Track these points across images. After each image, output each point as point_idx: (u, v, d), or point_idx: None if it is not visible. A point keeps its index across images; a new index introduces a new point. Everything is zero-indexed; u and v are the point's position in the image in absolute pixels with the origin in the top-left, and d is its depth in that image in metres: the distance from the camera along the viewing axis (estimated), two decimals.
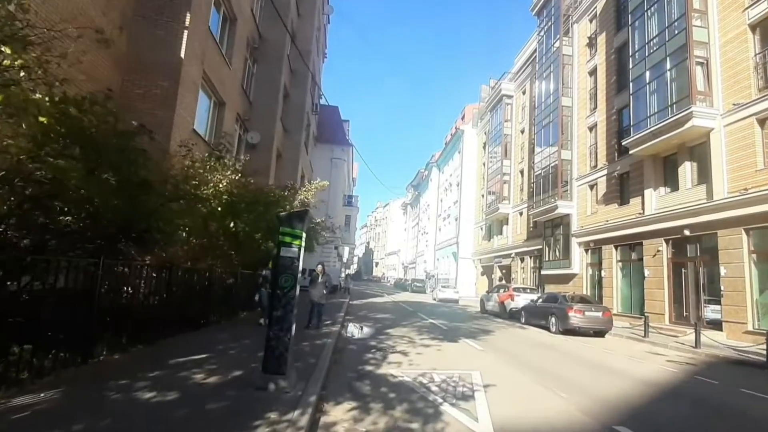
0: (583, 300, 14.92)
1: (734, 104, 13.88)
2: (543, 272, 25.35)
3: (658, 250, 16.71)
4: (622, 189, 19.59)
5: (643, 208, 17.71)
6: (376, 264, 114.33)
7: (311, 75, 25.75)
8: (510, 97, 33.84)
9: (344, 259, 23.93)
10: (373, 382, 6.27)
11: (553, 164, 24.20)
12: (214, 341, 7.80)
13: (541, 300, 16.20)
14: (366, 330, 12.80)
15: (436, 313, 19.79)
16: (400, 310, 20.63)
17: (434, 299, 32.13)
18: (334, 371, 6.83)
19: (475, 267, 41.17)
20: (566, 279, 22.92)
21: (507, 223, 33.14)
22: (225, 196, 7.68)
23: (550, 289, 22.61)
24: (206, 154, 9.66)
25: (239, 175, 9.27)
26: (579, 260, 22.22)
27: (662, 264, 16.52)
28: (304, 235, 5.19)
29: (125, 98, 10.65)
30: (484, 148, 41.10)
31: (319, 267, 10.75)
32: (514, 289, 19.11)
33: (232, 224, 9.19)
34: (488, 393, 5.79)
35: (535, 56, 29.08)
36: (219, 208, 7.35)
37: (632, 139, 17.29)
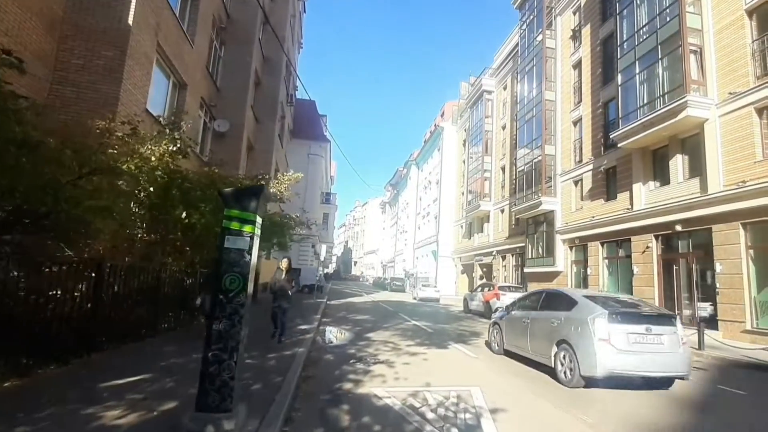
0: None
1: (731, 93, 13.28)
2: (526, 270, 24.63)
3: (648, 247, 16.07)
4: (608, 184, 18.95)
5: (631, 204, 17.06)
6: (355, 263, 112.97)
7: (286, 63, 24.32)
8: (491, 92, 33.12)
9: (321, 258, 22.46)
10: (353, 406, 5.04)
11: (536, 160, 23.48)
12: (156, 356, 6.39)
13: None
14: (344, 335, 11.56)
15: (418, 314, 18.69)
16: (381, 311, 19.44)
17: (414, 298, 31.08)
18: (304, 392, 5.57)
19: (455, 265, 40.38)
20: (550, 277, 22.22)
21: (488, 221, 32.41)
22: (159, 173, 6.26)
23: (533, 287, 21.84)
24: (155, 133, 8.20)
25: (177, 145, 7.76)
26: (563, 258, 21.54)
27: (652, 261, 15.88)
28: (259, 220, 3.91)
29: (61, 69, 9.15)
30: (464, 145, 40.35)
31: (284, 262, 9.14)
32: (500, 288, 18.20)
33: (184, 215, 7.76)
34: (498, 421, 4.64)
35: (517, 51, 28.39)
36: (151, 189, 5.94)
37: (621, 131, 16.60)
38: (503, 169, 30.54)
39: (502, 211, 30.02)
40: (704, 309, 13.88)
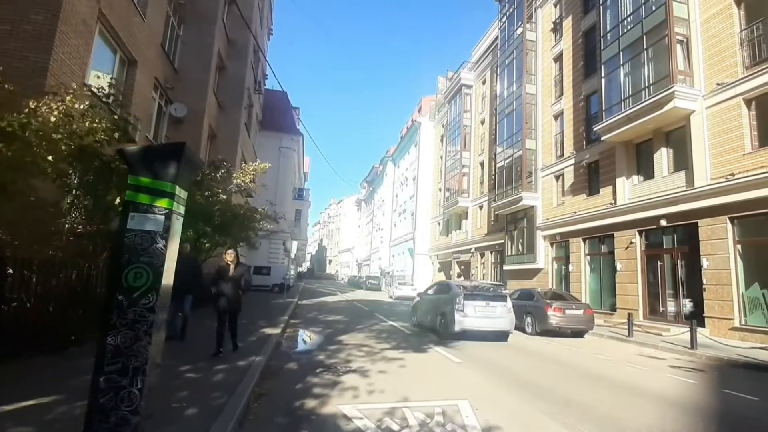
0: (558, 296, 13.40)
1: (718, 84, 12.85)
2: (505, 267, 24.05)
3: (631, 242, 15.61)
4: (591, 179, 18.48)
5: (614, 198, 16.58)
6: (330, 261, 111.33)
7: (254, 48, 22.91)
8: (469, 87, 32.50)
9: (293, 255, 21.18)
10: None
11: (516, 154, 22.89)
12: (71, 372, 5.15)
13: (512, 298, 14.51)
14: (313, 339, 10.47)
15: (395, 313, 17.73)
16: (355, 311, 18.39)
17: (391, 297, 30.16)
18: (255, 415, 4.48)
19: (432, 263, 39.70)
20: (530, 274, 21.68)
21: (466, 218, 31.80)
22: (60, 136, 4.99)
23: (513, 285, 21.26)
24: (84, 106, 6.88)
25: (113, 125, 6.50)
26: (544, 254, 21.02)
27: (636, 256, 15.42)
28: (182, 193, 2.81)
29: None
30: (441, 140, 39.68)
31: (230, 254, 7.04)
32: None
33: (118, 201, 6.50)
34: None
35: (497, 44, 27.81)
36: (49, 158, 4.68)
37: (604, 124, 16.09)
38: (482, 164, 29.95)
39: (481, 207, 29.43)
40: (684, 306, 13.53)
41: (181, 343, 7.46)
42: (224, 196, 13.05)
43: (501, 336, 11.10)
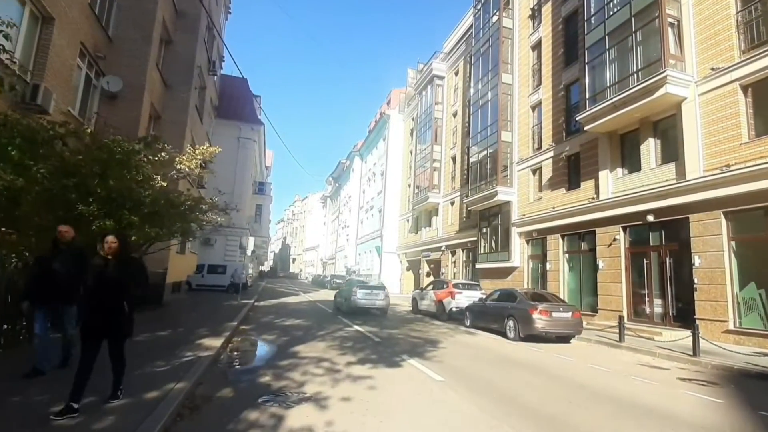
0: (541, 297, 12.12)
1: (713, 69, 11.99)
2: (478, 266, 22.90)
3: (615, 239, 14.67)
4: (571, 172, 17.51)
5: (596, 193, 15.63)
6: (294, 260, 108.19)
7: (208, 25, 20.61)
8: (441, 78, 31.27)
9: (248, 252, 19.09)
10: None
11: (491, 147, 21.75)
12: None
13: (491, 299, 13.21)
14: (263, 351, 8.65)
15: (361, 316, 16.08)
16: (318, 313, 16.58)
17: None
18: None
19: (401, 262, 38.32)
20: (505, 273, 20.58)
21: (437, 214, 30.56)
22: None
23: (486, 284, 20.11)
24: None
25: None
26: (519, 252, 19.96)
27: (619, 254, 14.49)
28: None
29: None
30: (411, 134, 38.35)
31: (110, 241, 4.34)
32: (455, 286, 16.03)
33: None
34: None
35: (471, 33, 26.68)
36: None
37: (588, 113, 15.08)
38: (454, 158, 28.76)
39: (452, 203, 28.24)
40: (679, 307, 12.63)
41: (59, 372, 5.37)
42: (163, 183, 10.98)
43: (380, 310, 16.56)
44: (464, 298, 15.12)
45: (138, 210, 9.23)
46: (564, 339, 11.50)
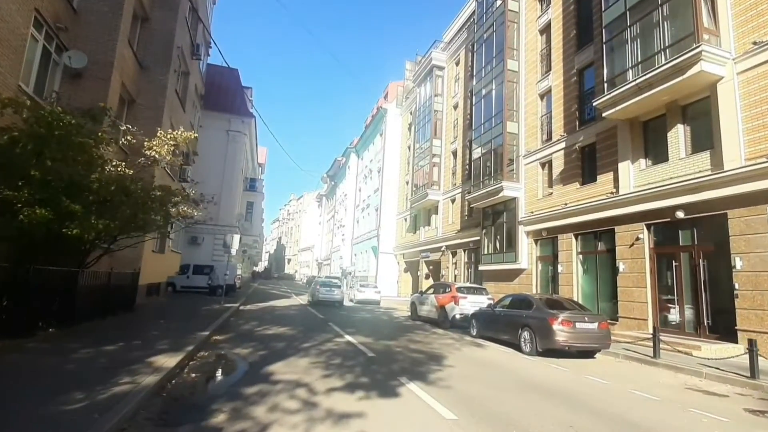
0: (558, 304, 10.52)
1: (755, 43, 10.48)
2: (481, 268, 21.35)
3: (638, 238, 13.14)
4: (585, 165, 15.98)
5: (616, 187, 14.10)
6: (289, 261, 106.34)
7: (191, 4, 18.95)
8: (441, 68, 29.71)
9: (233, 251, 17.45)
10: None
11: (495, 139, 20.21)
12: None
13: (502, 305, 11.64)
14: (230, 371, 7.05)
15: (354, 323, 14.51)
16: (306, 319, 15.00)
17: (351, 300, 26.91)
18: None
19: (398, 263, 36.73)
20: (511, 275, 19.04)
21: (437, 213, 28.99)
22: None
23: (490, 288, 18.53)
24: None
25: None
26: (527, 253, 18.43)
27: (643, 255, 12.96)
28: None
29: None
30: (409, 129, 36.78)
31: None
32: (458, 290, 14.44)
33: None
34: None
35: (473, 20, 25.14)
36: None
37: (606, 97, 13.55)
38: (454, 153, 27.21)
39: (453, 200, 26.69)
40: (716, 316, 11.09)
41: None
42: (128, 170, 9.40)
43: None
44: (469, 304, 13.55)
45: (81, 197, 7.63)
46: (587, 353, 9.95)
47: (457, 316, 13.53)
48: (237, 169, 31.61)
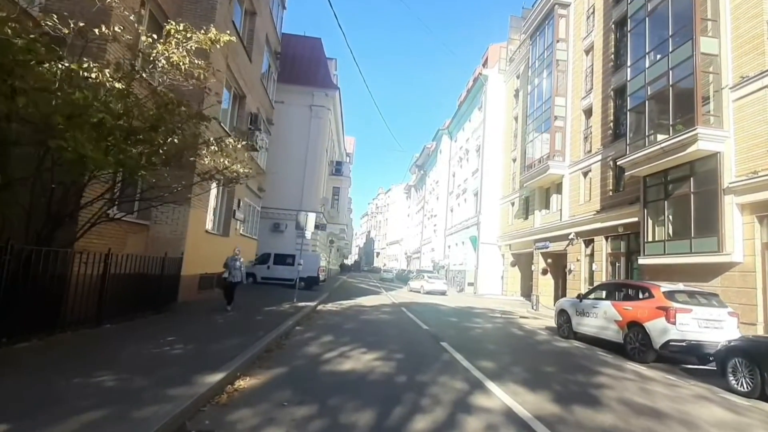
0: None
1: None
2: (643, 261, 14.83)
3: None
4: None
5: None
6: (377, 254, 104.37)
7: None
8: (566, 5, 23.06)
9: (307, 234, 13.38)
10: None
11: (678, 67, 13.50)
12: None
13: None
14: None
15: (482, 345, 9.40)
16: (406, 333, 10.23)
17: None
18: None
19: (503, 255, 30.71)
20: (708, 272, 12.42)
21: (559, 191, 22.57)
22: None
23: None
24: None
25: None
26: (740, 238, 11.72)
27: None
28: None
29: None
30: (516, 96, 30.42)
31: None
32: (669, 296, 8.45)
33: None
34: None
35: None
36: None
37: None
38: (587, 111, 20.60)
39: (586, 173, 20.16)
40: None
41: None
42: (116, 83, 5.46)
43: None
44: (695, 323, 7.67)
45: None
46: None
47: (673, 344, 7.69)
48: (321, 149, 28.18)
